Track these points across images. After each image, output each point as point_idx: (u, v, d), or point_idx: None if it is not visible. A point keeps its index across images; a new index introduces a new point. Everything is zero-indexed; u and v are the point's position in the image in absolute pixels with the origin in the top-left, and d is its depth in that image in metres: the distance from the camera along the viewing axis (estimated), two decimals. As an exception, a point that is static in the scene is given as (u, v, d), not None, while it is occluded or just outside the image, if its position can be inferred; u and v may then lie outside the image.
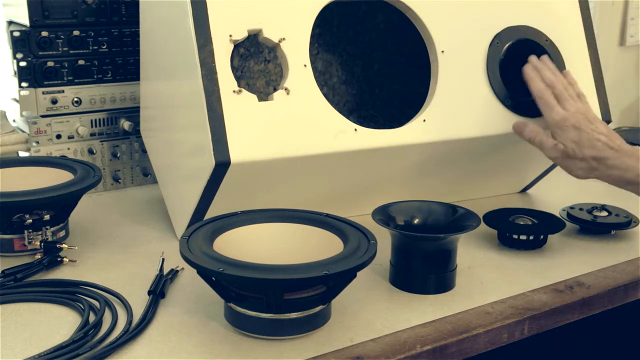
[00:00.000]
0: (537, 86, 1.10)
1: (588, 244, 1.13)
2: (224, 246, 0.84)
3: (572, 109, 1.07)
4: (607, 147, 1.03)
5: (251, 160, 0.96)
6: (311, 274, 0.77)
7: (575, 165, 1.06)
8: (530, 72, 1.11)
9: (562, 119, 1.06)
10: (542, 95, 1.09)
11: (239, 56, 1.14)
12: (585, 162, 1.05)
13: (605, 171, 1.04)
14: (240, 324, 0.82)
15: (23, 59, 1.23)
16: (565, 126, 1.06)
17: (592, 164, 1.04)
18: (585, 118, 1.06)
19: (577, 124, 1.05)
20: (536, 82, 1.10)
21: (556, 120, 1.07)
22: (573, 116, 1.06)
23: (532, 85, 1.11)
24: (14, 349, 0.79)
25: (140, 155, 1.35)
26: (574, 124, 1.05)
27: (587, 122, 1.05)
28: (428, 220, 0.99)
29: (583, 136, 1.04)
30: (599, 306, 0.97)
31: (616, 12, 1.99)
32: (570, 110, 1.07)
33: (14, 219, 1.00)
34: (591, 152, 1.04)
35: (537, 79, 1.11)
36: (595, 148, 1.03)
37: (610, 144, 1.04)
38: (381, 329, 0.85)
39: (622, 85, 2.03)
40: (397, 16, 1.15)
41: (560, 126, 1.06)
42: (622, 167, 1.02)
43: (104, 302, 0.88)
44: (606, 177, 1.05)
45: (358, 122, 1.05)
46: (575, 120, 1.06)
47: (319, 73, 1.29)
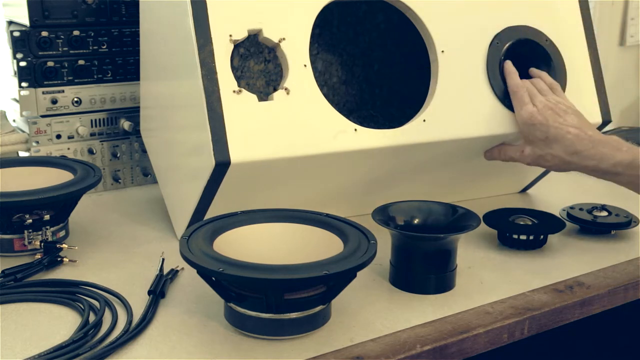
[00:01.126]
0: (512, 82, 1.10)
1: (588, 244, 1.13)
2: (224, 246, 0.84)
3: (539, 105, 1.06)
4: (578, 139, 1.02)
5: (251, 160, 0.96)
6: (311, 274, 0.77)
7: (548, 162, 1.06)
8: (511, 67, 1.12)
9: (528, 116, 1.06)
10: (516, 91, 1.09)
11: (239, 56, 1.14)
12: (558, 158, 1.04)
13: (580, 163, 1.03)
14: (240, 324, 0.82)
15: (23, 59, 1.23)
16: (532, 124, 1.06)
17: (566, 159, 1.04)
18: (553, 112, 1.05)
19: (544, 120, 1.05)
20: (512, 78, 1.11)
21: (524, 118, 1.07)
22: (540, 113, 1.06)
23: (508, 81, 1.11)
24: (14, 349, 0.79)
25: (140, 155, 1.35)
26: (540, 121, 1.05)
27: (554, 117, 1.05)
28: (428, 220, 0.99)
29: (550, 132, 1.04)
30: (599, 306, 0.97)
31: (616, 12, 1.99)
32: (537, 107, 1.06)
33: (14, 219, 1.00)
34: (561, 146, 1.03)
35: (514, 75, 1.11)
36: (566, 141, 1.03)
37: (582, 136, 1.02)
38: (381, 329, 0.85)
39: (622, 85, 2.03)
40: (397, 16, 1.15)
41: (528, 124, 1.06)
42: (597, 158, 1.01)
43: (104, 302, 0.88)
44: (582, 169, 1.04)
45: (358, 122, 1.05)
46: (542, 117, 1.05)
47: (319, 73, 1.29)
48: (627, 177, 1.01)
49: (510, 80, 1.11)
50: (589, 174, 1.05)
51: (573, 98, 1.15)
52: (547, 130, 1.04)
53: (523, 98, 1.08)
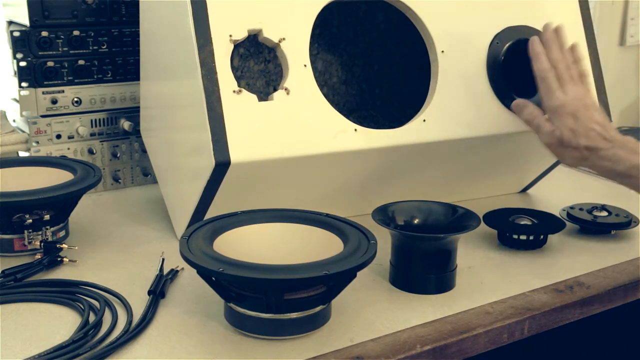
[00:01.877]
0: (541, 66, 1.05)
1: (588, 244, 1.13)
2: (224, 246, 0.84)
3: (571, 94, 1.03)
4: (600, 137, 1.00)
5: (251, 160, 0.96)
6: (311, 274, 0.77)
7: (568, 153, 1.03)
8: (537, 47, 1.06)
9: (560, 105, 1.03)
10: (544, 76, 1.05)
11: (239, 56, 1.14)
12: (578, 152, 1.01)
13: (596, 162, 1.01)
14: (240, 324, 0.82)
15: (23, 59, 1.23)
16: (563, 113, 1.02)
17: (584, 154, 1.01)
18: (583, 105, 1.02)
19: (575, 111, 1.02)
20: (541, 61, 1.05)
21: (554, 106, 1.03)
22: (571, 103, 1.02)
23: (536, 63, 1.06)
24: (14, 349, 0.79)
25: (140, 155, 1.35)
26: (571, 111, 1.02)
27: (584, 110, 1.02)
28: (428, 220, 0.99)
29: (579, 124, 1.01)
30: (599, 306, 0.97)
31: (616, 12, 1.99)
32: (569, 96, 1.03)
33: (14, 219, 1.00)
34: (585, 141, 1.01)
35: (542, 58, 1.05)
36: (589, 137, 1.00)
37: (604, 134, 1.01)
38: (381, 329, 0.85)
39: (622, 85, 2.03)
40: (397, 16, 1.15)
41: (558, 112, 1.03)
42: (613, 159, 0.99)
43: (104, 302, 0.88)
44: (597, 168, 1.02)
45: (358, 122, 1.05)
46: (573, 107, 1.02)
47: (319, 73, 1.29)
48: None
49: (537, 63, 1.05)
50: (601, 175, 1.03)
51: (573, 98, 1.15)
52: (576, 122, 1.01)
53: (552, 84, 1.04)
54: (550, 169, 1.33)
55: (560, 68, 1.05)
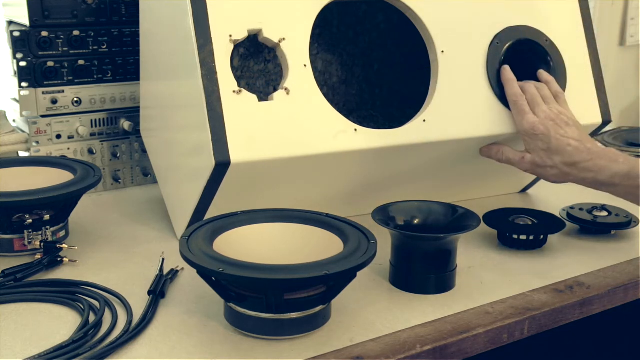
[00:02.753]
0: (512, 91, 1.10)
1: (588, 244, 1.13)
2: (224, 246, 0.84)
3: (542, 115, 1.07)
4: (577, 151, 1.04)
5: (251, 160, 0.96)
6: (311, 274, 0.77)
7: (547, 172, 1.07)
8: (508, 74, 1.11)
9: (530, 127, 1.07)
10: (516, 100, 1.09)
11: (239, 56, 1.14)
12: (557, 169, 1.05)
13: (579, 175, 1.04)
14: (240, 324, 0.82)
15: (23, 59, 1.23)
16: (534, 134, 1.06)
17: (564, 170, 1.05)
18: (554, 124, 1.06)
19: (546, 132, 1.05)
20: (512, 87, 1.10)
21: (526, 128, 1.07)
22: (542, 123, 1.06)
23: (507, 89, 1.11)
24: (14, 349, 0.79)
25: (140, 155, 1.35)
26: (542, 132, 1.06)
27: (556, 128, 1.06)
28: (428, 220, 0.99)
29: (552, 143, 1.05)
30: (599, 306, 0.97)
31: (616, 12, 1.99)
32: (540, 117, 1.07)
33: (14, 219, 1.00)
34: (561, 158, 1.04)
35: (513, 84, 1.10)
36: (566, 153, 1.04)
37: (581, 148, 1.04)
38: (381, 329, 0.85)
39: (622, 85, 2.03)
40: (397, 16, 1.15)
41: (529, 134, 1.07)
42: (595, 170, 1.03)
43: (104, 302, 0.88)
44: (580, 181, 1.05)
45: (358, 122, 1.05)
46: (544, 127, 1.06)
47: (319, 73, 1.29)
48: (624, 188, 1.02)
49: (509, 88, 1.10)
50: (587, 186, 1.06)
51: (573, 98, 1.15)
52: (549, 141, 1.05)
53: (523, 108, 1.08)
54: (550, 169, 1.32)
55: (530, 90, 1.10)
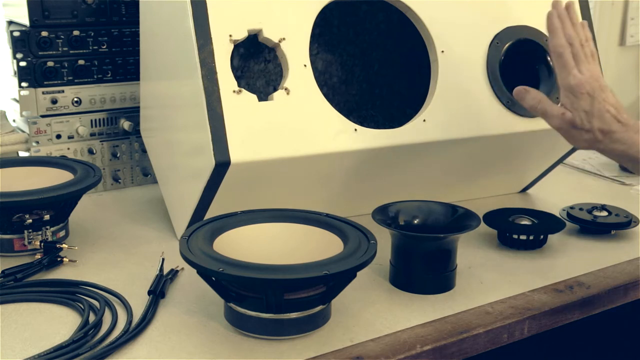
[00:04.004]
0: (558, 41, 1.01)
1: (588, 244, 1.13)
2: (224, 246, 0.84)
3: (587, 74, 0.99)
4: (614, 120, 0.97)
5: (251, 160, 0.96)
6: (311, 274, 0.77)
7: (580, 136, 0.99)
8: (555, 21, 1.01)
9: (577, 84, 0.98)
10: (562, 53, 1.00)
11: (239, 56, 1.14)
12: (591, 134, 0.98)
13: (609, 145, 0.98)
14: (240, 324, 0.82)
15: (23, 59, 1.23)
16: (580, 93, 0.98)
17: (598, 136, 0.98)
18: (599, 86, 0.99)
19: (592, 92, 0.98)
20: (558, 37, 1.00)
21: (571, 85, 0.99)
22: (588, 83, 0.98)
23: (553, 38, 1.01)
24: (14, 349, 0.79)
25: (140, 155, 1.35)
26: (588, 92, 0.98)
27: (600, 91, 0.98)
28: (428, 220, 0.99)
29: (595, 106, 0.97)
30: (599, 306, 0.97)
31: (616, 12, 1.99)
32: (585, 75, 0.99)
33: (14, 219, 1.00)
34: (599, 123, 0.97)
35: (559, 33, 1.00)
36: (604, 120, 0.97)
37: (618, 117, 0.98)
38: (381, 329, 0.85)
39: (622, 85, 2.03)
40: (397, 16, 1.15)
41: (575, 92, 0.98)
42: (627, 142, 0.97)
43: (104, 302, 0.88)
44: (609, 151, 0.99)
45: (358, 122, 1.05)
46: (590, 87, 0.98)
47: (319, 73, 1.29)
48: None
49: (554, 38, 1.01)
50: (612, 158, 1.01)
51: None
52: (592, 103, 0.97)
53: (569, 62, 1.00)
54: (550, 169, 1.33)
55: (576, 45, 1.01)
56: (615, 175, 1.48)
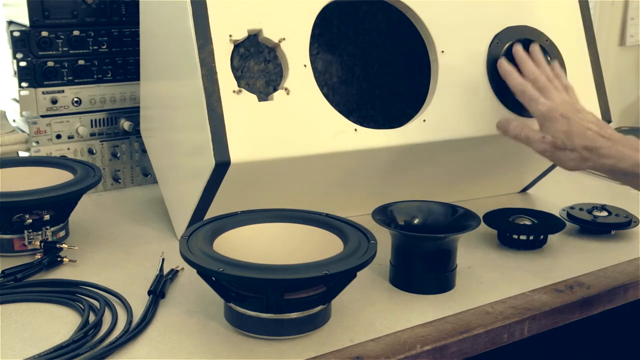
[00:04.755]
0: (515, 81, 1.05)
1: (588, 244, 1.13)
2: (224, 246, 0.84)
3: (557, 100, 1.02)
4: (598, 135, 0.98)
5: (251, 160, 0.96)
6: (311, 274, 0.77)
7: (566, 156, 1.00)
8: (505, 66, 1.07)
9: (548, 109, 1.01)
10: (523, 89, 1.04)
11: (239, 56, 1.14)
12: (577, 153, 0.99)
13: (598, 160, 0.98)
14: (240, 324, 0.82)
15: (23, 59, 1.23)
16: (553, 116, 1.00)
17: (584, 154, 0.99)
18: (573, 108, 1.01)
19: (565, 113, 1.00)
20: (514, 78, 1.05)
21: (542, 111, 1.01)
22: (560, 106, 1.01)
23: (509, 81, 1.06)
24: (14, 349, 0.79)
25: (140, 155, 1.35)
26: (562, 114, 1.00)
27: (575, 112, 1.00)
28: (428, 220, 0.99)
29: (573, 125, 0.99)
30: (599, 306, 0.97)
31: (616, 12, 1.99)
32: (556, 101, 1.02)
33: (14, 219, 1.00)
34: (582, 141, 0.98)
35: (514, 74, 1.06)
36: (587, 137, 0.98)
37: (602, 133, 0.99)
38: (381, 329, 0.85)
39: (622, 85, 2.03)
40: (397, 16, 1.15)
41: (548, 117, 1.01)
42: (617, 156, 0.97)
43: (104, 302, 0.88)
44: (600, 167, 0.99)
45: (358, 122, 1.05)
46: (562, 109, 1.00)
47: (319, 73, 1.29)
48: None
49: (511, 80, 1.06)
50: (605, 174, 1.02)
51: (573, 98, 1.15)
52: (569, 123, 0.99)
53: (533, 94, 1.03)
54: (551, 169, 1.32)
55: (541, 80, 1.04)
56: (615, 175, 1.48)
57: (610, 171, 0.99)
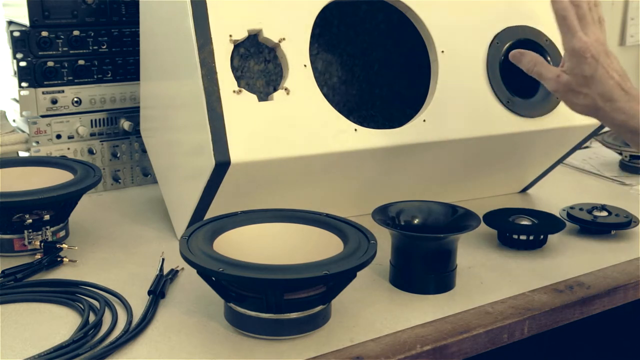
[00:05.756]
0: (561, 4, 0.96)
1: (588, 244, 1.13)
2: (224, 246, 0.84)
3: (593, 37, 0.95)
4: (618, 87, 0.94)
5: (251, 160, 0.96)
6: (311, 274, 0.77)
7: (578, 99, 0.95)
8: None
9: (582, 47, 0.94)
10: (566, 15, 0.96)
11: (239, 56, 1.14)
12: (590, 99, 0.94)
13: (610, 113, 0.94)
14: (240, 324, 0.82)
15: (23, 59, 1.23)
16: (584, 57, 0.94)
17: (598, 103, 0.94)
18: (604, 50, 0.95)
19: (597, 56, 0.94)
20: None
21: (576, 48, 0.94)
22: (593, 46, 0.94)
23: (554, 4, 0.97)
24: (14, 349, 0.79)
25: (140, 155, 1.35)
26: (593, 55, 0.94)
27: (605, 55, 0.95)
28: (428, 220, 0.99)
29: (599, 70, 0.94)
30: (599, 306, 0.97)
31: (616, 12, 1.99)
32: (591, 38, 0.95)
33: (14, 219, 1.00)
34: (601, 88, 0.94)
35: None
36: (607, 85, 0.93)
37: (622, 85, 0.94)
38: (381, 329, 0.85)
39: (622, 85, 2.03)
40: (397, 16, 1.15)
41: (578, 56, 0.94)
42: (629, 113, 0.93)
43: (104, 302, 0.88)
44: (608, 119, 0.95)
45: (358, 122, 1.05)
46: (595, 51, 0.94)
47: (319, 73, 1.29)
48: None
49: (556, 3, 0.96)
50: (611, 127, 0.97)
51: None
52: (595, 67, 0.94)
53: (573, 24, 0.95)
54: (550, 169, 1.33)
55: (583, 7, 0.97)
56: (615, 175, 1.48)
57: (619, 126, 0.95)
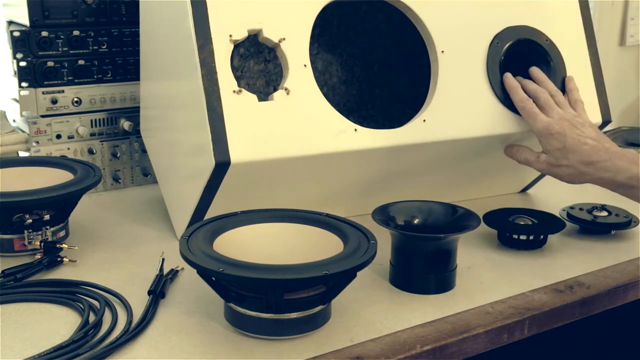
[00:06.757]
0: (517, 97, 1.10)
1: (588, 244, 1.13)
2: (224, 246, 0.84)
3: (555, 117, 1.07)
4: (595, 150, 1.03)
5: (251, 160, 0.96)
6: (311, 274, 0.77)
7: (562, 171, 1.06)
8: (511, 81, 1.12)
9: (544, 126, 1.06)
10: (523, 105, 1.10)
11: (239, 56, 1.14)
12: (573, 168, 1.05)
13: (595, 174, 1.04)
14: (240, 324, 0.82)
15: (23, 59, 1.23)
16: (549, 134, 1.06)
17: (581, 169, 1.04)
18: (570, 124, 1.06)
19: (561, 130, 1.05)
20: (517, 93, 1.11)
21: (539, 128, 1.07)
22: (557, 123, 1.06)
23: (513, 96, 1.11)
24: (14, 349, 0.79)
25: (140, 155, 1.35)
26: (558, 130, 1.05)
27: (572, 128, 1.06)
28: (428, 220, 0.99)
29: (568, 142, 1.04)
30: (599, 306, 0.97)
31: (616, 12, 1.99)
32: (554, 117, 1.07)
33: (14, 219, 1.00)
34: (578, 157, 1.04)
35: (518, 89, 1.11)
36: (583, 153, 1.04)
37: (599, 147, 1.04)
38: (381, 329, 0.85)
39: (622, 85, 2.03)
40: (397, 16, 1.15)
41: (544, 134, 1.07)
42: (613, 170, 1.02)
43: (104, 302, 0.88)
44: (597, 180, 1.05)
45: (358, 122, 1.05)
46: (559, 127, 1.06)
47: (319, 73, 1.29)
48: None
49: (514, 95, 1.11)
50: (603, 186, 1.06)
51: (573, 98, 1.15)
52: (564, 140, 1.05)
53: (533, 110, 1.09)
54: (550, 169, 1.32)
55: (542, 97, 1.10)
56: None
57: (608, 184, 1.04)
